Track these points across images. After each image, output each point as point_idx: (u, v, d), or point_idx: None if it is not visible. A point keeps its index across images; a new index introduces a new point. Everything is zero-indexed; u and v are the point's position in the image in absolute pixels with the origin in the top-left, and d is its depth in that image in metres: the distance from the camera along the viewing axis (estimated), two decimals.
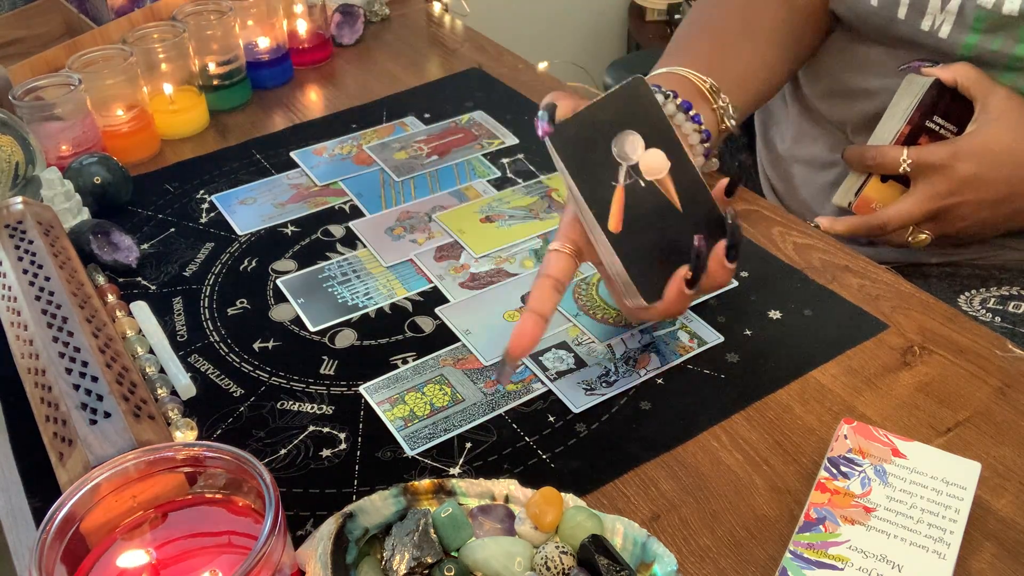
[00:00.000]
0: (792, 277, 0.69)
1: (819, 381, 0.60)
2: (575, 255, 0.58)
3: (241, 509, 0.46)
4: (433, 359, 0.64)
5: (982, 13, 0.71)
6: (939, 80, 0.73)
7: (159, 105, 0.91)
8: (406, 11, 1.16)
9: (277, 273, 0.73)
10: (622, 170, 0.56)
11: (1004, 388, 0.59)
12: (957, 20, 0.73)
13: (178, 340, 0.66)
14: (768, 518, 0.52)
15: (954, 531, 0.49)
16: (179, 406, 0.59)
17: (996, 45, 0.72)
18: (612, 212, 0.55)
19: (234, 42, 0.94)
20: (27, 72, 0.88)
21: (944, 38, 0.74)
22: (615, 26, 2.26)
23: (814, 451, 0.56)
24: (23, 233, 0.67)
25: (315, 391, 0.62)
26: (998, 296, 0.78)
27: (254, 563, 0.39)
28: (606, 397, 0.60)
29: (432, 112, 0.93)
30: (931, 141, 0.74)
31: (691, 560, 0.50)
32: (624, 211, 0.56)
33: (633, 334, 0.65)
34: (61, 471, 0.51)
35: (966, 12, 0.72)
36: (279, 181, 0.84)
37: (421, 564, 0.46)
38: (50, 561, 0.41)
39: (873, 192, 0.77)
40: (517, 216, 0.77)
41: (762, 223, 0.75)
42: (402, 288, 0.70)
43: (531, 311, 0.56)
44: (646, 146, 0.56)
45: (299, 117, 0.95)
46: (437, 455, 0.57)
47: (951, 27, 0.74)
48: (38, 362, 0.57)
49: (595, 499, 0.53)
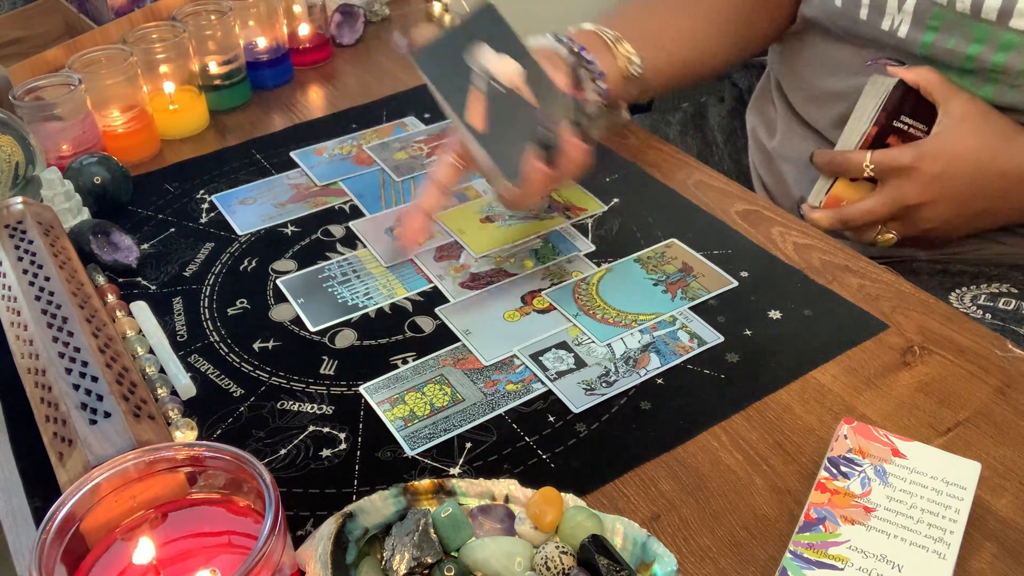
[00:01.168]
0: (792, 277, 0.69)
1: (819, 381, 0.60)
2: (458, 162, 0.66)
3: (241, 509, 0.46)
4: (433, 359, 0.64)
5: (937, 11, 0.73)
6: (903, 80, 0.74)
7: (159, 105, 0.91)
8: (406, 11, 1.16)
9: (277, 273, 0.73)
10: (477, 76, 0.65)
11: (1004, 388, 0.59)
12: (914, 19, 0.75)
13: (178, 340, 0.66)
14: (768, 518, 0.52)
15: (954, 531, 0.49)
16: (179, 406, 0.59)
17: (951, 43, 0.74)
18: (472, 111, 0.64)
19: (234, 42, 0.94)
20: (27, 72, 0.88)
21: (903, 37, 0.76)
22: None
23: (814, 451, 0.56)
24: (23, 233, 0.67)
25: (315, 391, 0.62)
26: (988, 293, 0.79)
27: (254, 563, 0.39)
28: (606, 397, 0.60)
29: (432, 112, 0.93)
30: (900, 140, 0.75)
31: (691, 560, 0.50)
32: (487, 112, 0.64)
33: (632, 334, 0.65)
34: (61, 471, 0.51)
35: (921, 10, 0.74)
36: (279, 181, 0.84)
37: (421, 564, 0.46)
38: (50, 561, 0.41)
39: (842, 191, 0.78)
40: (517, 216, 0.77)
41: (762, 223, 0.75)
42: (402, 288, 0.70)
43: (418, 207, 0.66)
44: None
45: (299, 117, 0.95)
46: (437, 455, 0.57)
47: (908, 26, 0.76)
48: (38, 362, 0.57)
49: (595, 499, 0.53)
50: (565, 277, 0.70)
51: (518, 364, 0.63)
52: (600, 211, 0.78)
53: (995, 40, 0.71)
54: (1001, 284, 0.80)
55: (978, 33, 0.72)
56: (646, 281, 0.70)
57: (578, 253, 0.73)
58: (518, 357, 0.63)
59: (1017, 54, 0.71)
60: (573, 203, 0.79)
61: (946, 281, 0.81)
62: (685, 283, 0.69)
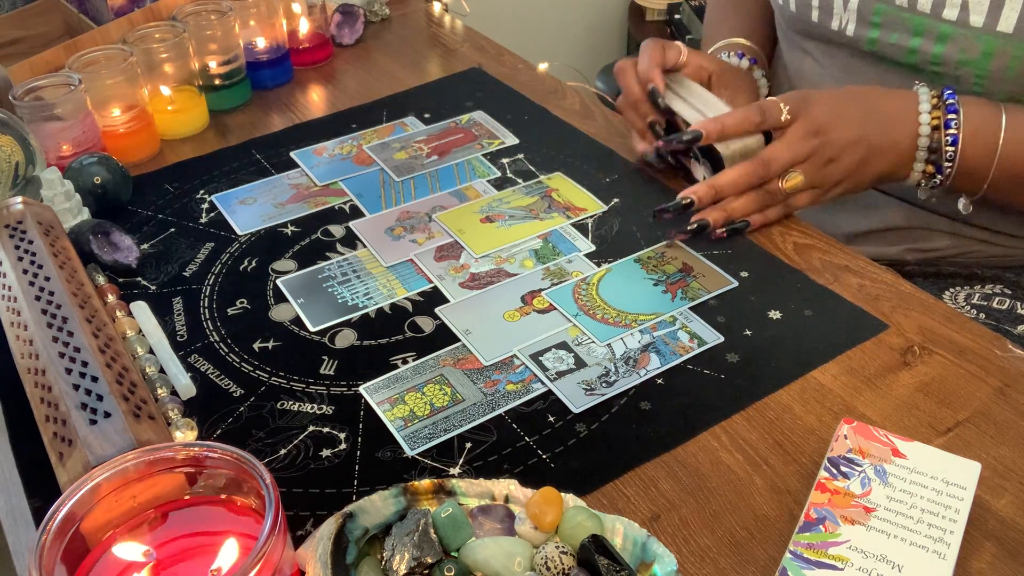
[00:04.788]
0: (792, 277, 0.69)
1: (819, 381, 0.60)
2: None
3: (241, 509, 0.46)
4: (433, 359, 0.64)
5: (878, 7, 0.76)
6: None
7: (159, 105, 0.91)
8: (406, 11, 1.16)
9: (277, 273, 0.73)
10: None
11: (1004, 388, 0.59)
12: (859, 17, 0.78)
13: (178, 340, 0.66)
14: (768, 518, 0.52)
15: (954, 531, 0.49)
16: (179, 406, 0.59)
17: (894, 39, 0.76)
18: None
19: (234, 42, 0.94)
20: (27, 72, 0.88)
21: (851, 36, 0.79)
22: (615, 26, 2.26)
23: (814, 451, 0.56)
24: (23, 233, 0.67)
25: (315, 391, 0.62)
26: (982, 293, 0.79)
27: (254, 563, 0.39)
28: (606, 397, 0.60)
29: (432, 112, 0.93)
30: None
31: (691, 560, 0.50)
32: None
33: (632, 334, 0.65)
34: (61, 471, 0.51)
35: (864, 8, 0.77)
36: (279, 181, 0.84)
37: (421, 564, 0.46)
38: (50, 561, 0.41)
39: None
40: (517, 216, 0.77)
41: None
42: (402, 288, 0.70)
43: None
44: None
45: (299, 117, 0.95)
46: (437, 455, 0.57)
47: (855, 25, 0.78)
48: (38, 362, 0.57)
49: (595, 499, 0.53)
50: (565, 277, 0.70)
51: (518, 364, 0.63)
52: (600, 211, 0.78)
53: (933, 32, 0.73)
54: (994, 285, 0.80)
55: (917, 26, 0.74)
56: (646, 281, 0.70)
57: (578, 253, 0.73)
58: (518, 357, 0.63)
59: (953, 44, 0.73)
60: (573, 203, 0.79)
61: (939, 283, 0.82)
62: (685, 283, 0.69)
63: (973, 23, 0.71)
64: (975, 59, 0.72)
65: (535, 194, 0.80)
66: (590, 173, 0.82)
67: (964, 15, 0.71)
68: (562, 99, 0.95)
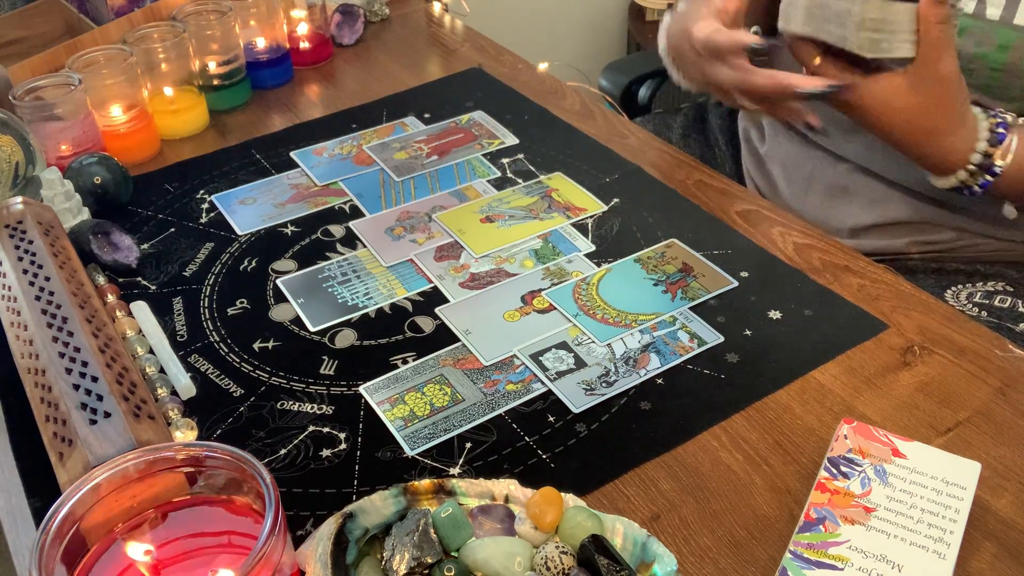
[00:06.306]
0: (792, 277, 0.69)
1: (819, 381, 0.60)
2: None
3: (241, 509, 0.46)
4: (433, 359, 0.64)
5: None
6: None
7: (159, 105, 0.91)
8: (406, 11, 1.16)
9: (277, 273, 0.73)
10: None
11: (1004, 388, 0.59)
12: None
13: (178, 340, 0.66)
14: (768, 518, 0.52)
15: (954, 531, 0.49)
16: (179, 406, 0.59)
17: None
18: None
19: (234, 42, 0.94)
20: (27, 72, 0.88)
21: None
22: (615, 26, 2.26)
23: (814, 451, 0.56)
24: (23, 233, 0.67)
25: (315, 391, 0.62)
26: (984, 291, 0.79)
27: (254, 563, 0.39)
28: (606, 397, 0.60)
29: (432, 112, 0.93)
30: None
31: (691, 560, 0.50)
32: None
33: (632, 334, 0.65)
34: (61, 471, 0.51)
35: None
36: (279, 181, 0.84)
37: (421, 564, 0.46)
38: (50, 561, 0.41)
39: None
40: (517, 216, 0.77)
41: (762, 223, 0.75)
42: (402, 288, 0.70)
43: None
44: None
45: (299, 117, 0.95)
46: (437, 455, 0.57)
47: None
48: (38, 362, 0.57)
49: (595, 499, 0.53)
50: (565, 277, 0.70)
51: (518, 364, 0.63)
52: (600, 211, 0.78)
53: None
54: (996, 282, 0.80)
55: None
56: (646, 281, 0.70)
57: (578, 253, 0.73)
58: (518, 357, 0.63)
59: (969, 37, 0.72)
60: (573, 203, 0.79)
61: (942, 279, 0.82)
62: (685, 283, 0.69)
63: (990, 16, 0.71)
64: (990, 52, 0.72)
65: (535, 194, 0.80)
66: (590, 173, 0.82)
67: (981, 8, 0.71)
68: (562, 99, 0.95)
